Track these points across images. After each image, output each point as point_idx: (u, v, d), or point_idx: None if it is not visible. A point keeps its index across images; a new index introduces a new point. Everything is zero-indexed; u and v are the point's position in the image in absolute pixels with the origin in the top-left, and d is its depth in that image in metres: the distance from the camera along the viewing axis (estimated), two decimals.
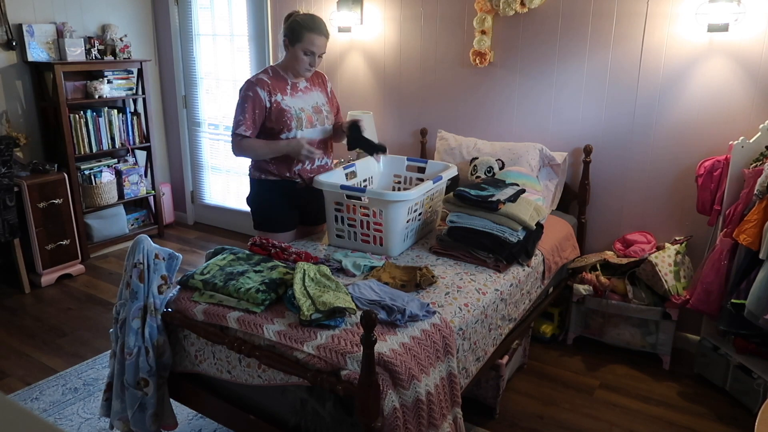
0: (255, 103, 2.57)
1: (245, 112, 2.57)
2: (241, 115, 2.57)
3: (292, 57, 2.61)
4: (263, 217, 2.80)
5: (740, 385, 2.70)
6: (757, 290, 2.41)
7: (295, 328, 1.89)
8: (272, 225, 2.77)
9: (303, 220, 2.88)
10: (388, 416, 1.69)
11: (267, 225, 2.78)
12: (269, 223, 2.78)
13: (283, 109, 2.61)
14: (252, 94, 2.56)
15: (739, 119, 2.86)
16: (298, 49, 2.58)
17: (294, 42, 2.58)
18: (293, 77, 2.69)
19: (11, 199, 3.59)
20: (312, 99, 2.73)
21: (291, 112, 2.62)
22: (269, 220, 2.78)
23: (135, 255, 2.08)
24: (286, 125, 2.62)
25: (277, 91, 2.61)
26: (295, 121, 2.63)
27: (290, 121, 2.62)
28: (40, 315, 3.57)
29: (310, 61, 2.61)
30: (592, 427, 2.59)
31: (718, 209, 2.81)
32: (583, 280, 3.08)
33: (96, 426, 2.55)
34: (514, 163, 3.22)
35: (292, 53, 2.61)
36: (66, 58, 4.08)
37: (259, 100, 2.57)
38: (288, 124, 2.61)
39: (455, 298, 2.20)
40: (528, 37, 3.34)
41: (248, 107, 2.56)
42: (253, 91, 2.57)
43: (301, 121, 2.65)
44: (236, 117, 2.59)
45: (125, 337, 2.07)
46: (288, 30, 2.59)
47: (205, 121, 4.97)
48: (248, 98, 2.57)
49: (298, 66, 2.62)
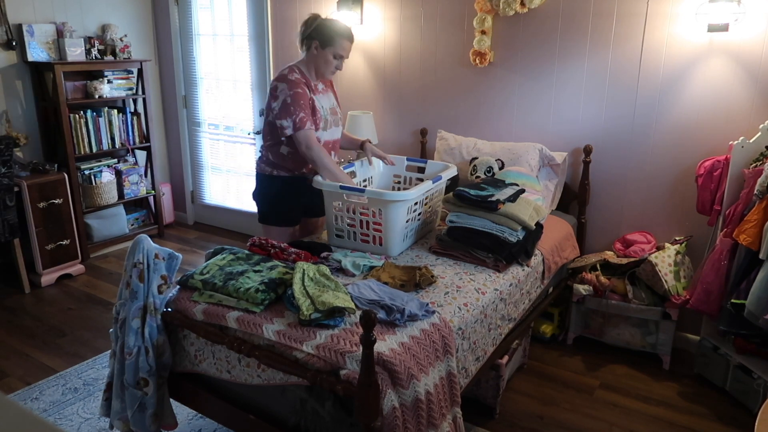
0: (305, 98, 2.58)
1: (303, 108, 2.55)
2: (298, 112, 2.54)
3: (321, 59, 2.64)
4: (270, 211, 2.83)
5: (740, 385, 2.70)
6: (757, 290, 2.40)
7: (295, 327, 1.89)
8: (278, 219, 2.82)
9: (306, 212, 2.91)
10: (387, 416, 1.69)
11: (273, 219, 2.83)
12: (275, 217, 2.82)
13: (316, 108, 2.65)
14: (301, 90, 2.57)
15: (739, 119, 2.85)
16: (328, 52, 2.62)
17: (325, 45, 2.62)
18: (314, 78, 2.72)
19: (11, 199, 3.59)
20: (329, 100, 2.79)
21: (321, 113, 2.67)
22: (276, 214, 2.82)
23: (135, 255, 2.08)
24: (317, 125, 2.65)
25: (309, 89, 2.65)
26: (323, 121, 2.68)
27: (320, 121, 2.66)
28: (40, 315, 3.57)
29: (338, 64, 2.67)
30: (592, 427, 2.59)
31: (718, 209, 2.81)
32: (583, 280, 3.08)
33: (96, 426, 2.55)
34: (513, 163, 3.22)
35: (321, 56, 2.64)
36: (66, 58, 4.08)
37: (305, 94, 2.59)
38: (318, 123, 2.65)
39: (455, 298, 2.20)
40: (528, 37, 3.34)
41: (302, 102, 2.56)
42: (301, 88, 2.58)
43: (327, 122, 2.71)
44: (294, 116, 2.53)
45: (125, 336, 2.07)
46: (318, 33, 2.62)
47: (205, 121, 4.97)
48: (300, 95, 2.56)
49: (326, 68, 2.66)
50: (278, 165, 2.75)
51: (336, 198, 2.62)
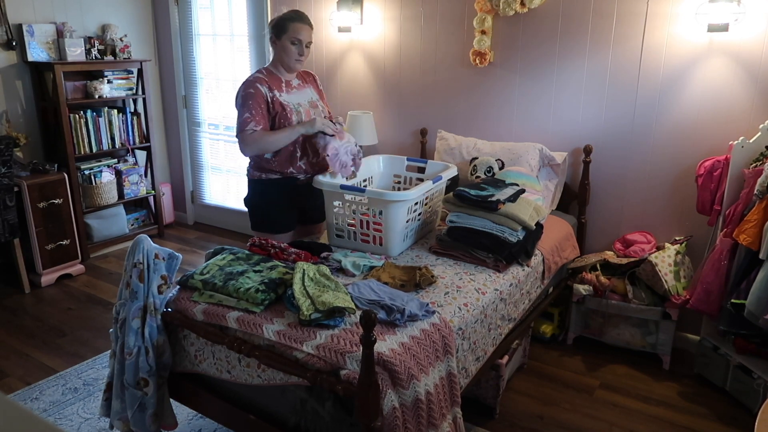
0: (259, 99, 2.57)
1: (251, 109, 2.55)
2: (248, 112, 2.55)
3: (281, 50, 2.64)
4: (262, 218, 2.78)
5: (740, 385, 2.70)
6: (757, 290, 2.40)
7: (295, 327, 1.89)
8: (271, 226, 2.76)
9: (302, 219, 2.88)
10: (387, 416, 1.69)
11: (266, 226, 2.77)
12: (268, 224, 2.76)
13: (283, 104, 2.63)
14: (253, 90, 2.57)
15: (739, 119, 2.85)
16: (284, 40, 2.61)
17: (280, 34, 2.62)
18: (286, 74, 2.72)
19: (11, 199, 3.59)
20: (306, 95, 2.77)
21: (290, 106, 2.64)
22: (268, 221, 2.77)
23: (135, 255, 2.08)
24: (287, 119, 2.63)
25: (273, 87, 2.63)
26: (295, 114, 2.65)
27: (291, 114, 2.63)
28: (40, 315, 3.57)
29: (298, 50, 2.63)
30: (592, 427, 2.59)
31: (718, 209, 2.81)
32: (583, 280, 3.08)
33: (96, 426, 2.55)
34: (513, 163, 3.22)
35: (280, 47, 2.64)
36: (66, 58, 4.08)
37: (260, 94, 2.58)
38: (289, 117, 2.63)
39: (455, 298, 2.20)
40: (528, 37, 3.34)
41: (253, 104, 2.56)
42: (254, 88, 2.57)
43: (300, 115, 2.67)
44: (241, 117, 2.57)
45: (125, 337, 2.07)
46: (272, 26, 2.65)
47: (205, 121, 4.97)
48: (250, 95, 2.56)
49: (288, 58, 2.64)
50: (264, 167, 2.72)
51: (336, 198, 2.62)
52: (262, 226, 2.78)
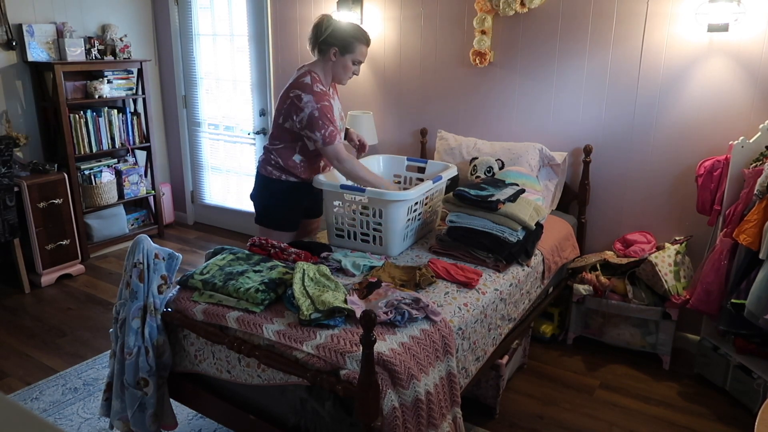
0: (332, 111, 2.57)
1: (332, 122, 2.53)
2: (332, 126, 2.52)
3: (339, 66, 2.63)
4: (270, 215, 2.78)
5: (740, 385, 2.70)
6: (757, 290, 2.40)
7: (295, 327, 1.89)
8: (277, 223, 2.77)
9: (305, 214, 2.89)
10: (387, 416, 1.69)
11: (272, 223, 2.77)
12: (275, 222, 2.77)
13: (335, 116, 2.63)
14: (328, 104, 2.55)
15: (739, 119, 2.85)
16: (348, 59, 2.61)
17: (345, 52, 2.60)
18: (327, 83, 2.69)
19: (11, 199, 3.59)
20: (338, 107, 2.76)
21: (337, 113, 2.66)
22: (276, 219, 2.77)
23: (135, 255, 2.08)
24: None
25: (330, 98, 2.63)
26: (339, 120, 2.67)
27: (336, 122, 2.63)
28: (40, 315, 3.57)
29: (356, 70, 2.67)
30: (592, 427, 2.59)
31: (718, 209, 2.81)
32: (583, 280, 3.08)
33: (96, 426, 2.55)
34: (513, 163, 3.22)
35: (340, 62, 2.62)
36: (66, 58, 4.08)
37: (332, 108, 2.58)
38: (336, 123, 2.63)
39: (455, 298, 2.20)
40: (528, 37, 3.34)
41: (331, 117, 2.55)
42: (328, 101, 2.56)
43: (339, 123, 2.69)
44: (323, 129, 2.51)
45: (125, 336, 2.07)
46: (336, 39, 2.58)
47: (205, 121, 4.97)
48: (328, 109, 2.54)
49: (344, 75, 2.66)
50: (288, 171, 2.69)
51: (336, 198, 2.62)
52: (267, 222, 2.78)
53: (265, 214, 2.80)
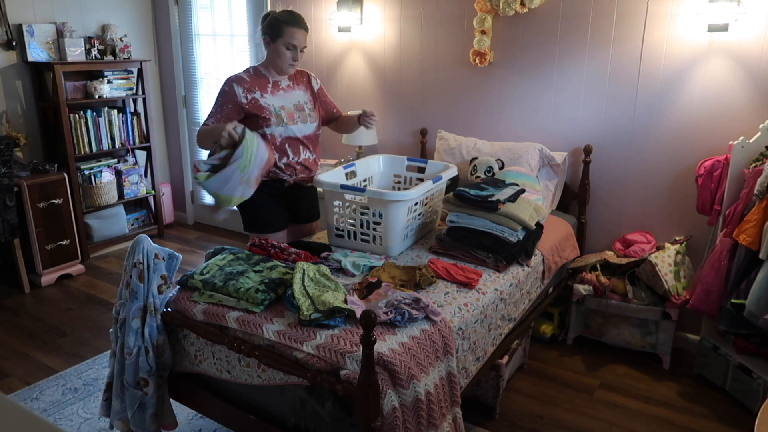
0: (228, 98, 2.59)
1: (217, 105, 2.60)
2: (214, 108, 2.60)
3: (275, 53, 2.62)
4: (253, 219, 2.77)
5: (740, 385, 2.70)
6: (757, 290, 2.40)
7: (295, 327, 1.89)
8: (263, 226, 2.75)
9: (293, 218, 2.88)
10: (387, 416, 1.69)
11: (257, 226, 2.76)
12: (259, 225, 2.75)
13: (262, 107, 2.62)
14: (227, 89, 2.59)
15: (739, 119, 2.85)
16: (279, 44, 2.59)
17: (275, 37, 2.59)
18: (276, 75, 2.70)
19: (11, 199, 3.59)
20: (294, 97, 2.73)
21: (270, 110, 2.63)
22: (259, 222, 2.76)
23: (135, 255, 2.08)
24: (265, 121, 2.62)
25: (256, 89, 2.62)
26: (274, 117, 2.64)
27: (269, 117, 2.62)
28: (40, 315, 3.57)
29: (293, 55, 2.62)
30: (592, 427, 2.59)
31: (718, 209, 2.81)
32: (583, 280, 3.08)
33: (96, 426, 2.55)
34: (513, 163, 3.22)
35: (274, 50, 2.62)
36: (66, 58, 4.08)
37: (232, 95, 2.58)
38: (267, 120, 2.62)
39: (455, 298, 2.20)
40: (528, 37, 3.34)
41: (221, 101, 2.59)
42: (229, 87, 2.60)
43: (281, 118, 2.65)
44: (212, 108, 2.62)
45: (125, 337, 2.07)
46: (267, 27, 2.61)
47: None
48: (224, 93, 2.60)
49: (281, 62, 2.63)
50: None
51: (336, 197, 2.62)
52: (254, 227, 2.78)
53: (248, 218, 2.79)
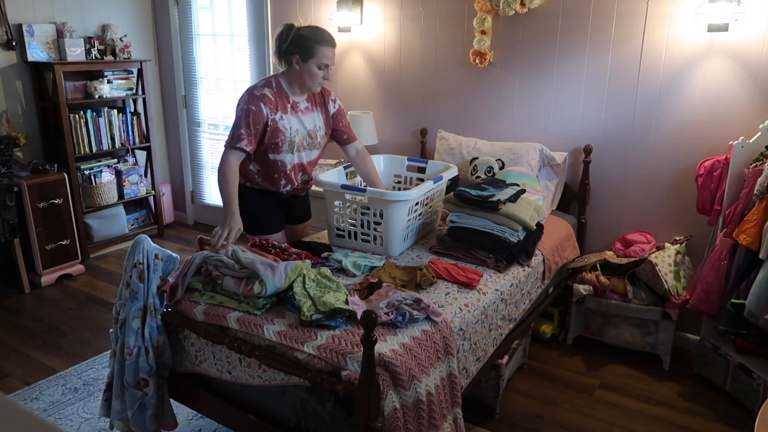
0: (258, 117, 2.44)
1: (248, 126, 2.43)
2: (245, 128, 2.43)
3: (305, 73, 2.48)
4: (250, 221, 2.68)
5: (740, 385, 2.70)
6: (757, 290, 2.40)
7: (296, 328, 1.89)
8: (260, 228, 2.71)
9: (288, 220, 2.85)
10: (388, 416, 1.69)
11: (254, 229, 2.70)
12: (256, 227, 2.70)
13: (279, 130, 2.51)
14: (255, 108, 2.44)
15: (739, 119, 2.85)
16: (311, 64, 2.46)
17: (306, 58, 2.45)
18: (298, 93, 2.58)
19: (11, 199, 3.59)
20: (310, 121, 2.61)
21: (285, 134, 2.52)
22: (256, 224, 2.70)
23: (135, 255, 2.08)
24: (277, 147, 2.53)
25: (278, 109, 2.49)
26: (287, 144, 2.55)
27: (282, 143, 2.53)
28: (40, 315, 3.57)
29: (324, 75, 2.50)
30: (592, 427, 2.59)
31: (718, 209, 2.81)
32: (583, 280, 3.08)
33: (96, 426, 2.55)
34: (514, 163, 3.22)
35: (304, 70, 2.48)
36: (66, 58, 4.08)
37: (261, 115, 2.44)
38: (279, 146, 2.53)
39: (455, 299, 2.20)
40: (528, 37, 3.34)
41: (250, 120, 2.43)
42: (257, 106, 2.44)
43: (293, 145, 2.57)
44: (236, 129, 2.44)
45: (125, 337, 2.07)
46: (296, 46, 2.46)
47: (205, 121, 4.97)
48: (251, 112, 2.43)
49: (312, 82, 2.51)
50: (248, 178, 2.64)
51: (337, 198, 2.62)
52: (251, 229, 2.70)
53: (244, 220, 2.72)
